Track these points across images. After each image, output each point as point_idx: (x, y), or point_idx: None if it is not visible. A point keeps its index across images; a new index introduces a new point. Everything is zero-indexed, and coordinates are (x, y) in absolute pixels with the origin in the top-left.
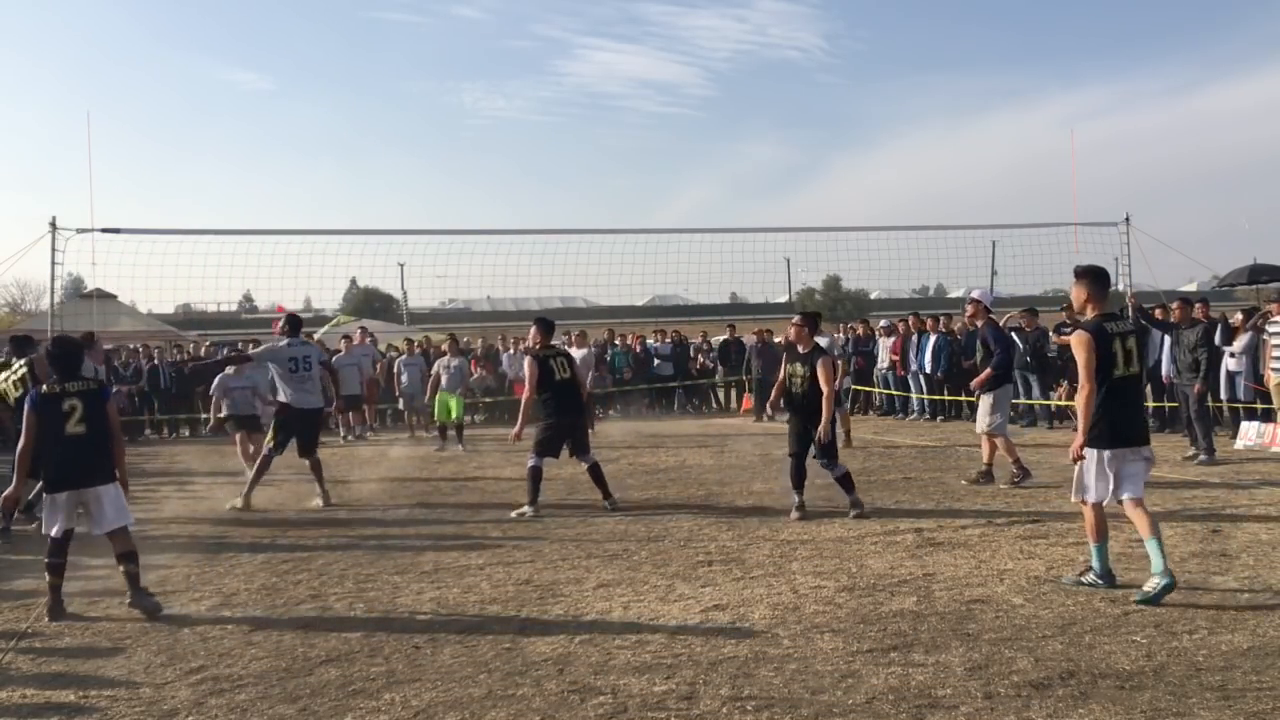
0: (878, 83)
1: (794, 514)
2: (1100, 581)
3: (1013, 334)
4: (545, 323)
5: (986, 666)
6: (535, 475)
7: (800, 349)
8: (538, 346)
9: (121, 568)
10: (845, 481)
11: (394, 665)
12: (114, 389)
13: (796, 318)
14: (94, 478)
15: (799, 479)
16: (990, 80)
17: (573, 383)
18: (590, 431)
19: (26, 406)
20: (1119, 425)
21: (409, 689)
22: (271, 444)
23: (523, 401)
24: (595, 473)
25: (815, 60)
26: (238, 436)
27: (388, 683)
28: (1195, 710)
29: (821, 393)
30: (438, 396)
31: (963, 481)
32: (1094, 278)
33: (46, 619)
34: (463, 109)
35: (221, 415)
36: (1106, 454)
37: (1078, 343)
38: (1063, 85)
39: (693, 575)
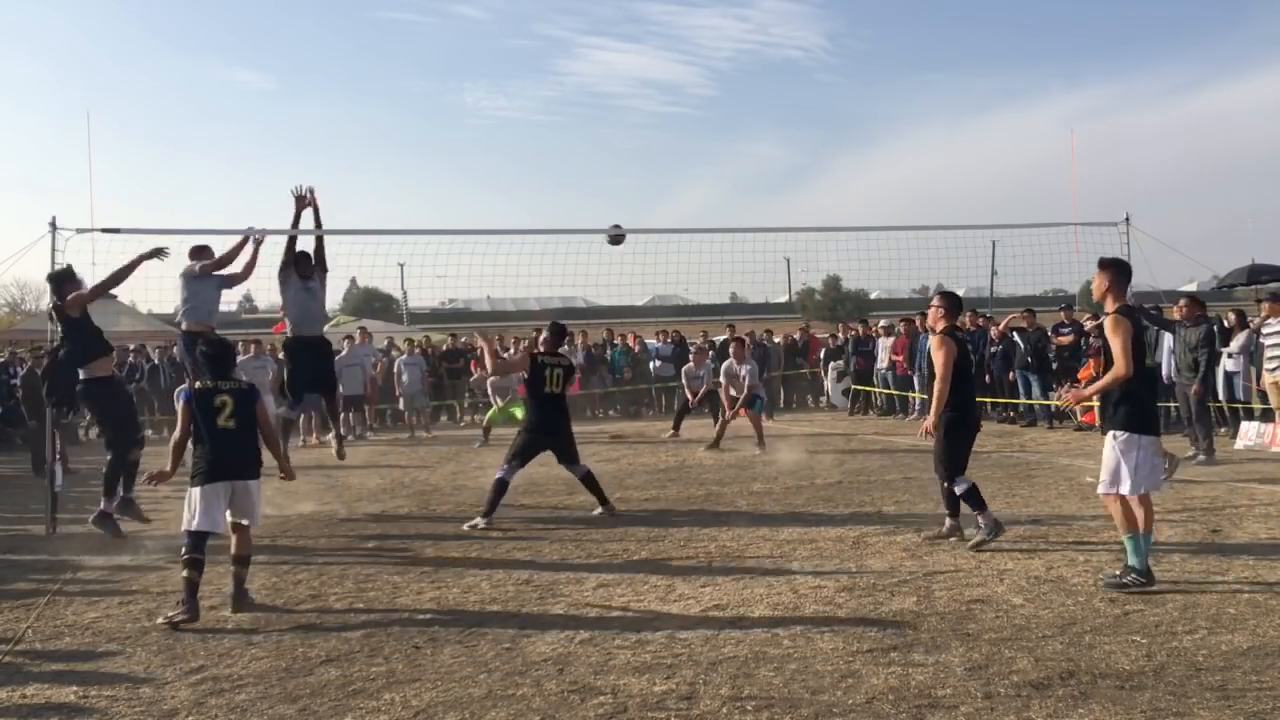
0: (879, 82)
1: (939, 529)
2: (1143, 580)
3: (1014, 334)
4: (557, 328)
5: (986, 666)
6: (499, 486)
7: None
8: (542, 350)
9: (233, 568)
10: (961, 499)
11: (394, 665)
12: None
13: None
14: (243, 471)
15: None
16: (991, 80)
17: (561, 397)
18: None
19: (180, 401)
20: (1153, 414)
21: (409, 689)
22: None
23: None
24: (589, 481)
25: (817, 60)
26: None
27: (388, 683)
28: (1195, 710)
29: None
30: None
31: None
32: (1117, 268)
33: (185, 617)
34: (464, 108)
35: None
36: (1150, 440)
37: (1118, 327)
38: (1064, 85)
39: (693, 575)
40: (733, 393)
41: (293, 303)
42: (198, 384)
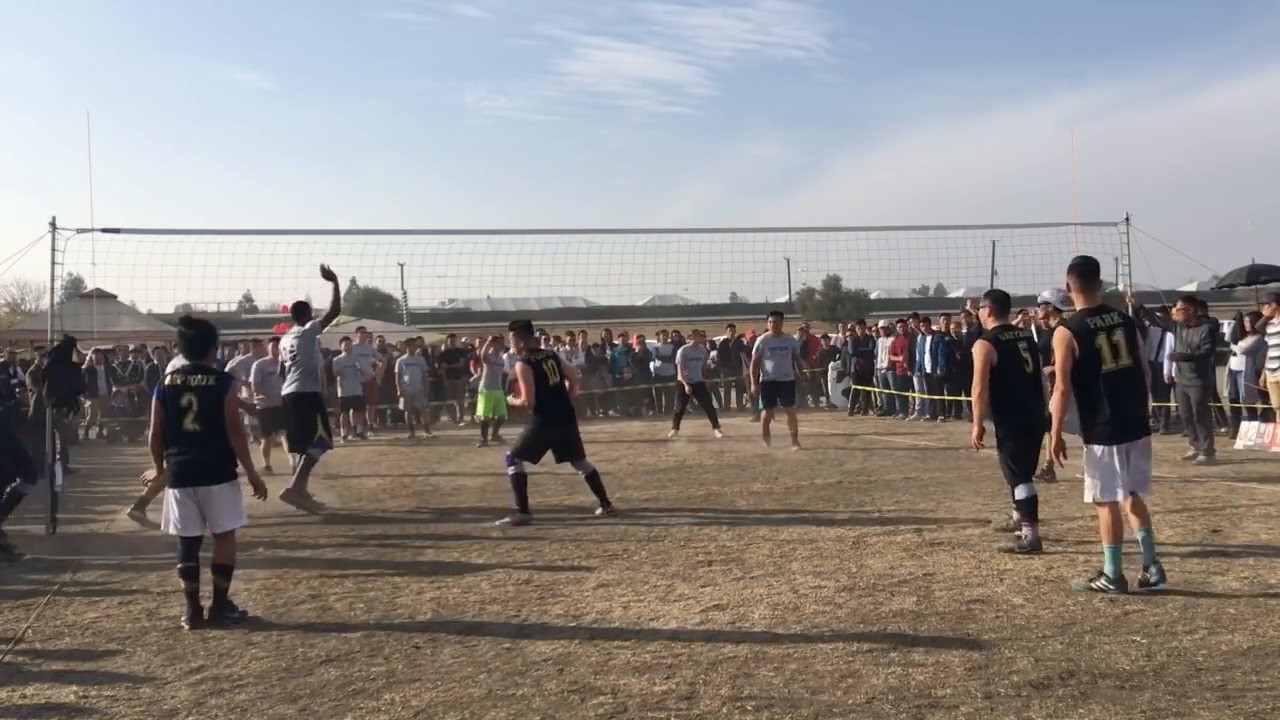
0: (879, 82)
1: (1008, 520)
2: (1112, 587)
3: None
4: (522, 326)
5: (986, 666)
6: (519, 481)
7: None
8: (523, 351)
9: (213, 577)
10: (1016, 504)
11: (394, 665)
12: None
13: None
14: (206, 477)
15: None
16: (992, 80)
17: (562, 387)
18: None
19: (154, 396)
20: (1120, 419)
21: (409, 689)
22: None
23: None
24: (594, 481)
25: (817, 59)
26: (265, 439)
27: (388, 683)
28: (1195, 710)
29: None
30: (486, 394)
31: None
32: (1077, 271)
33: (187, 626)
34: (464, 108)
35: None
36: (1117, 449)
37: (1057, 340)
38: (1064, 85)
39: (693, 575)
40: (767, 365)
41: (316, 359)
42: (167, 379)
